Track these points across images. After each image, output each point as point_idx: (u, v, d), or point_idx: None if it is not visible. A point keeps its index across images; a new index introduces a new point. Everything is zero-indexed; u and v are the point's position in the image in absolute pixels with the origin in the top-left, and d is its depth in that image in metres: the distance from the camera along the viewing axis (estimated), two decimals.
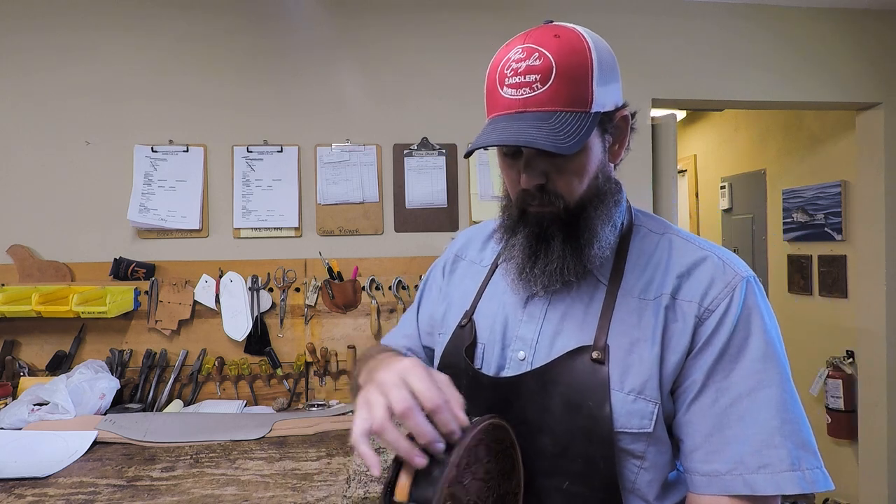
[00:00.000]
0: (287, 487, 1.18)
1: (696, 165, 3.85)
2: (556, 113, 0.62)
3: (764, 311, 0.65)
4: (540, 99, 0.62)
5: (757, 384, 0.62)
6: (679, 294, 0.66)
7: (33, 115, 1.84)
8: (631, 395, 0.63)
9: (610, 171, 0.71)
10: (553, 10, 2.02)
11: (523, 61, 0.63)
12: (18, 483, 1.21)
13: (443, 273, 0.92)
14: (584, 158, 0.66)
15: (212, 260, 1.88)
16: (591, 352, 0.65)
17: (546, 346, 0.70)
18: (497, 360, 0.74)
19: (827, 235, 2.59)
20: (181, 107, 1.90)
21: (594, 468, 0.63)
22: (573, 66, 0.62)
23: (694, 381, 0.64)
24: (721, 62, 2.15)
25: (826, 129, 2.64)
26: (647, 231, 0.74)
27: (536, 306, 0.73)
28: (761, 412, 0.61)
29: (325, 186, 1.94)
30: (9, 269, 1.81)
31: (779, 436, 0.60)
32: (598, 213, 0.69)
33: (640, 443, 0.64)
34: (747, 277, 0.66)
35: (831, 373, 2.48)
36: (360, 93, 1.97)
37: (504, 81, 0.65)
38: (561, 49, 0.62)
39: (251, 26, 1.93)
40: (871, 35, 2.22)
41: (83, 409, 1.55)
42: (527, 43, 0.64)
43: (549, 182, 0.67)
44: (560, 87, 0.62)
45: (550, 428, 0.65)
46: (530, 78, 0.62)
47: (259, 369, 1.83)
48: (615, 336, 0.66)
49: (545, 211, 0.68)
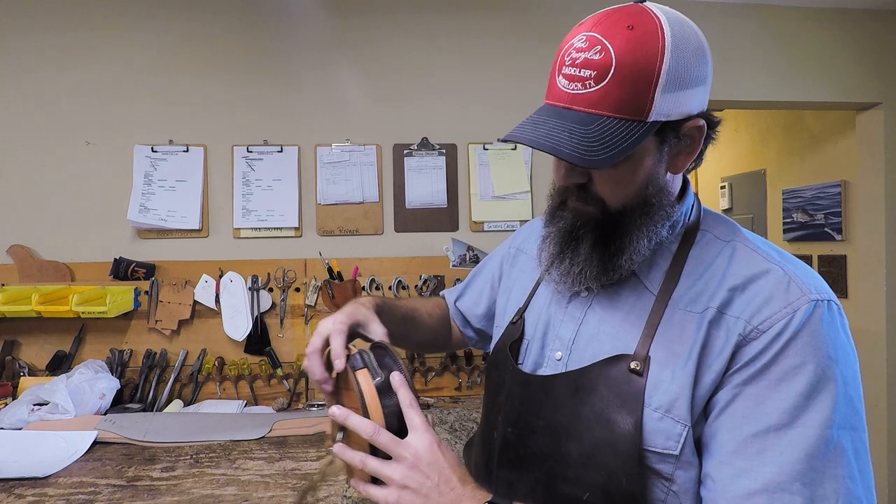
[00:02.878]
0: (287, 487, 1.18)
1: None
2: (600, 118, 0.56)
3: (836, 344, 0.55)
4: (589, 99, 0.57)
5: (791, 421, 0.53)
6: (728, 309, 0.59)
7: (33, 115, 1.84)
8: (658, 412, 0.59)
9: (665, 183, 0.64)
10: (552, 11, 2.02)
11: (583, 52, 0.57)
12: (18, 483, 1.21)
13: (501, 266, 0.93)
14: (633, 168, 0.61)
15: (212, 260, 1.88)
16: (629, 361, 0.61)
17: (581, 349, 0.68)
18: (536, 357, 0.74)
19: (827, 235, 2.59)
20: (181, 107, 1.90)
21: (616, 484, 0.59)
22: (636, 69, 0.55)
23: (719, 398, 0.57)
24: (721, 62, 2.12)
25: (826, 129, 2.64)
26: (713, 237, 0.66)
27: (577, 307, 0.71)
28: (786, 452, 0.53)
29: (325, 186, 1.94)
30: (9, 269, 1.81)
31: (799, 483, 0.51)
32: (638, 224, 0.63)
33: (666, 464, 0.59)
34: (819, 300, 0.56)
35: None
36: (360, 93, 1.97)
37: (561, 69, 0.59)
38: (628, 46, 0.55)
39: (251, 26, 1.93)
40: (871, 35, 2.22)
41: (83, 409, 1.55)
42: (593, 31, 0.57)
43: (591, 182, 0.63)
44: (614, 89, 0.56)
45: (578, 434, 0.62)
46: (585, 73, 0.56)
47: (259, 369, 1.83)
48: (656, 348, 0.61)
49: (584, 210, 0.65)
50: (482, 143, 2.01)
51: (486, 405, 0.81)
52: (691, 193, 0.70)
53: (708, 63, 0.60)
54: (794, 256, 0.64)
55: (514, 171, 2.01)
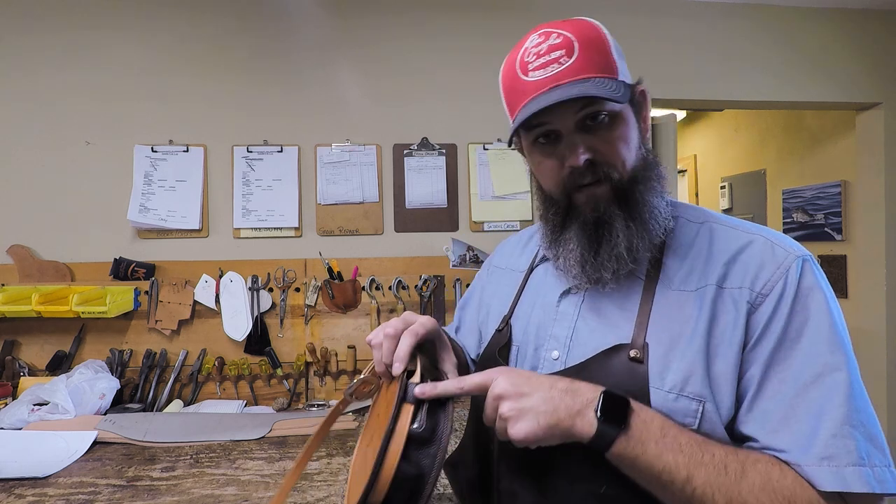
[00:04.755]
0: None
1: (696, 165, 3.85)
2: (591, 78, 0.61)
3: (825, 292, 0.60)
4: (572, 69, 0.62)
5: (823, 369, 0.56)
6: (727, 282, 0.62)
7: (33, 115, 1.84)
8: (672, 393, 0.59)
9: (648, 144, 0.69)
10: (553, 11, 2.02)
11: (543, 43, 0.63)
12: (18, 483, 1.21)
13: (481, 288, 0.93)
14: (626, 127, 0.65)
15: (212, 260, 1.88)
16: (628, 350, 0.62)
17: (580, 345, 0.68)
18: (531, 360, 0.73)
19: (827, 235, 2.59)
20: (181, 107, 1.90)
21: None
22: (593, 39, 0.63)
23: (752, 375, 0.59)
24: (721, 62, 2.15)
25: (826, 129, 2.64)
26: (685, 221, 0.70)
27: (570, 304, 0.71)
28: (830, 399, 0.55)
29: (325, 186, 1.94)
30: (9, 269, 1.81)
31: (848, 425, 0.54)
32: (650, 185, 0.66)
33: None
34: (802, 256, 0.61)
35: None
36: (360, 93, 1.97)
37: (527, 68, 0.64)
38: (576, 27, 0.64)
39: (251, 26, 1.93)
40: (871, 35, 2.22)
41: (83, 409, 1.55)
42: (542, 29, 0.65)
43: (598, 155, 0.64)
44: (588, 56, 0.62)
45: None
46: (556, 54, 0.62)
47: (259, 369, 1.83)
48: (654, 332, 0.62)
49: (598, 192, 0.65)
50: (482, 143, 2.01)
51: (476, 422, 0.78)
52: None
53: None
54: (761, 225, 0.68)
55: (514, 171, 2.01)
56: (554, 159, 0.67)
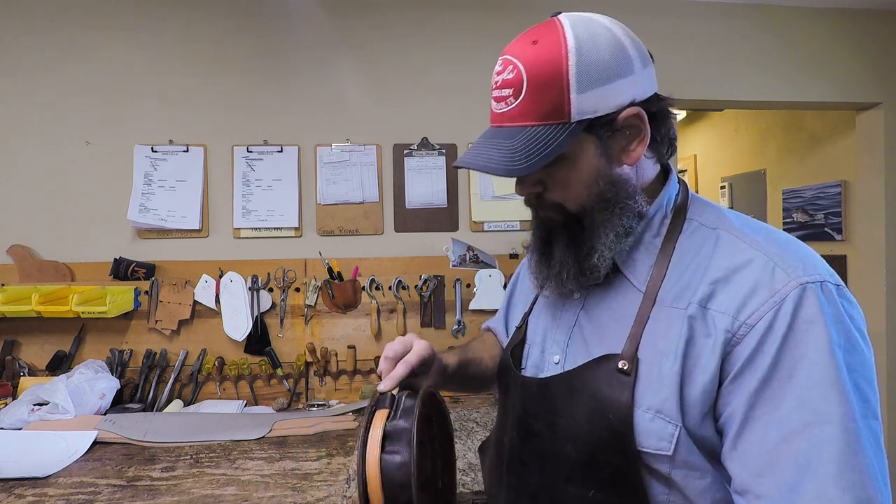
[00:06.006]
0: (287, 487, 1.18)
1: (696, 165, 3.85)
2: (524, 129, 0.60)
3: (830, 326, 0.52)
4: (512, 114, 0.62)
5: (813, 418, 0.50)
6: (711, 303, 0.57)
7: (33, 115, 1.84)
8: (649, 412, 0.58)
9: (619, 175, 0.64)
10: (552, 11, 2.02)
11: (501, 74, 0.63)
12: (18, 483, 1.21)
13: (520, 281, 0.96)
14: (575, 168, 0.63)
15: (212, 260, 1.88)
16: (617, 361, 0.61)
17: (576, 352, 0.69)
18: (537, 361, 0.75)
19: (827, 235, 2.59)
20: (181, 107, 1.90)
21: (623, 478, 0.59)
22: (545, 77, 0.59)
23: (734, 411, 0.55)
24: (721, 62, 2.14)
25: (826, 129, 2.64)
26: (699, 225, 0.65)
27: (570, 310, 0.72)
28: (815, 455, 0.50)
29: (325, 186, 1.94)
30: (9, 269, 1.81)
31: (834, 487, 0.49)
32: (600, 220, 0.64)
33: (663, 464, 0.58)
34: (808, 284, 0.54)
35: None
36: (360, 93, 1.97)
37: (493, 93, 0.65)
38: (534, 59, 0.60)
39: (251, 26, 1.93)
40: (871, 35, 2.22)
41: (83, 409, 1.55)
42: (507, 54, 0.64)
43: (546, 191, 0.67)
44: (531, 101, 0.60)
45: (575, 435, 0.62)
46: (505, 92, 0.62)
47: (259, 369, 1.83)
48: (645, 347, 0.60)
49: (550, 215, 0.69)
50: None
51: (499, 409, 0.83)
52: (674, 182, 0.69)
53: (627, 53, 0.61)
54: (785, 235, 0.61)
55: None
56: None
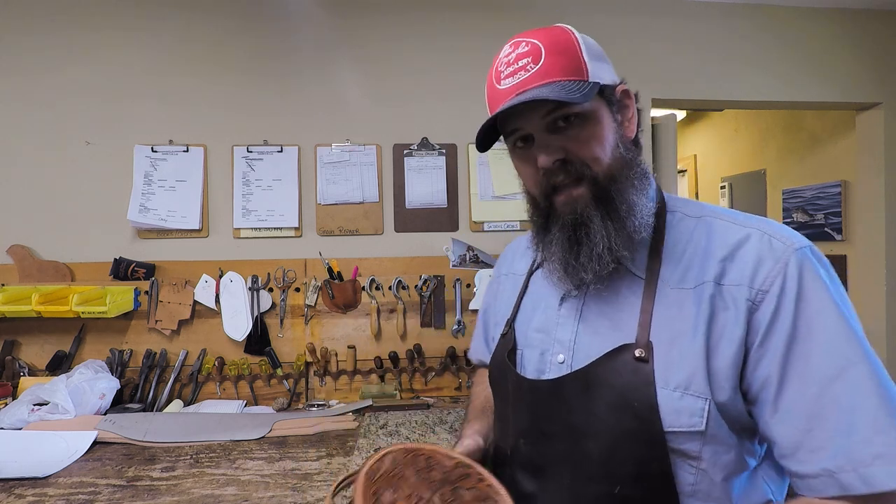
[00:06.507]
0: (287, 487, 1.18)
1: (696, 165, 3.85)
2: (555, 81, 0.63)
3: (827, 282, 0.59)
4: (537, 74, 0.63)
5: (845, 363, 0.55)
6: (725, 279, 0.62)
7: (33, 115, 1.84)
8: (677, 391, 0.60)
9: (630, 142, 0.68)
10: (553, 11, 2.02)
11: (513, 52, 0.66)
12: (18, 483, 1.21)
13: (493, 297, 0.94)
14: (598, 126, 0.65)
15: (212, 260, 1.88)
16: (633, 350, 0.62)
17: (584, 348, 0.68)
18: (536, 364, 0.73)
19: (827, 235, 2.59)
20: (181, 107, 1.90)
21: (648, 470, 0.60)
22: (562, 43, 0.64)
23: (770, 375, 0.58)
24: (721, 62, 2.15)
25: (826, 129, 2.64)
26: (683, 216, 0.70)
27: (571, 307, 0.71)
28: (858, 393, 0.54)
29: (325, 186, 1.94)
30: (9, 269, 1.81)
31: (884, 415, 0.53)
32: (629, 182, 0.66)
33: (693, 442, 0.60)
34: (801, 248, 0.61)
35: None
36: (360, 93, 1.97)
37: (500, 77, 0.66)
38: (546, 34, 0.65)
39: (251, 26, 1.93)
40: (871, 35, 2.22)
41: (83, 409, 1.55)
42: (513, 40, 0.67)
43: (570, 154, 0.65)
44: (553, 60, 0.63)
45: (596, 431, 0.63)
46: (523, 62, 0.64)
47: (259, 369, 1.83)
48: (657, 331, 0.62)
49: (576, 193, 0.65)
50: None
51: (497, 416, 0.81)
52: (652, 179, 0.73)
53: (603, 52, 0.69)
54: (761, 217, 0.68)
55: (514, 171, 2.00)
56: (530, 163, 0.69)
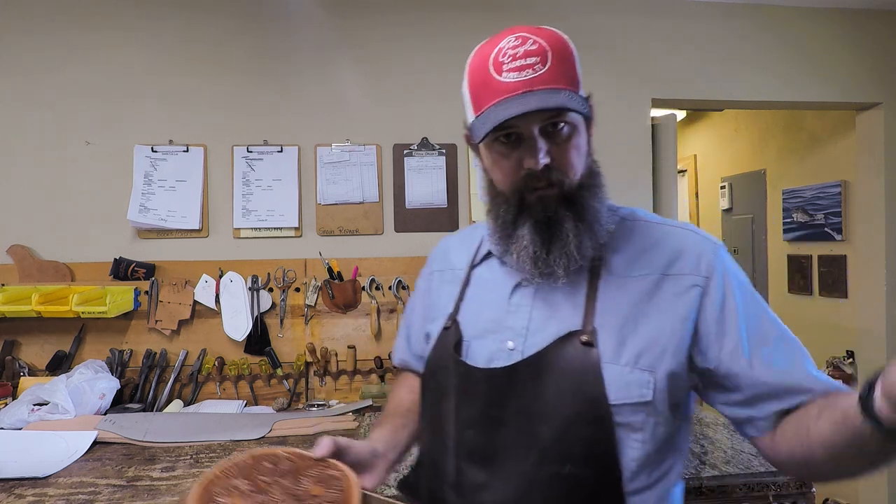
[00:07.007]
0: None
1: (696, 165, 3.85)
2: (562, 89, 0.65)
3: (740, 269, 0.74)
4: (545, 78, 0.65)
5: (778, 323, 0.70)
6: (671, 269, 0.71)
7: (33, 115, 1.84)
8: (627, 366, 0.66)
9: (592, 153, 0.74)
10: (553, 11, 2.02)
11: (520, 47, 0.66)
12: (18, 483, 1.21)
13: (422, 296, 0.93)
14: (580, 136, 0.70)
15: (212, 260, 1.88)
16: (580, 336, 0.68)
17: (537, 333, 0.71)
18: (486, 353, 0.74)
19: (827, 235, 2.59)
20: (181, 107, 1.90)
21: (595, 448, 0.65)
22: (564, 51, 0.67)
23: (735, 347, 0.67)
24: (721, 62, 2.14)
25: (826, 129, 2.64)
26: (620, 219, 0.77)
27: (523, 296, 0.74)
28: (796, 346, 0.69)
29: (325, 186, 1.94)
30: (9, 269, 1.81)
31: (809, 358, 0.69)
32: (594, 191, 0.72)
33: (639, 414, 0.66)
34: (719, 242, 0.74)
35: (831, 373, 2.48)
36: (360, 93, 1.97)
37: (502, 68, 0.66)
38: (550, 36, 0.67)
39: (251, 27, 1.93)
40: (871, 35, 2.22)
41: (83, 409, 1.55)
42: (518, 33, 0.67)
43: (554, 161, 0.68)
44: (559, 67, 0.66)
45: (547, 415, 0.66)
46: (531, 60, 0.65)
47: (259, 369, 1.83)
48: (604, 315, 0.69)
49: (549, 194, 0.69)
50: None
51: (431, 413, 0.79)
52: None
53: None
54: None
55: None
56: (512, 160, 0.70)
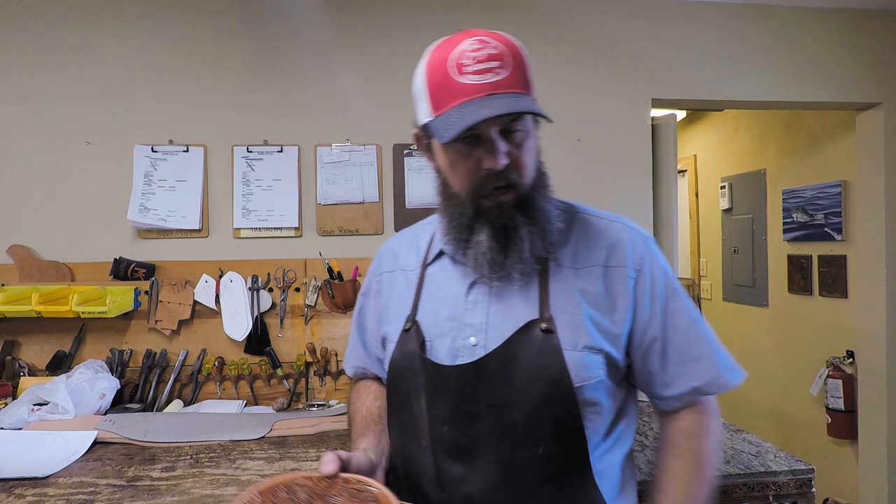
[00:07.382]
0: None
1: (696, 165, 3.85)
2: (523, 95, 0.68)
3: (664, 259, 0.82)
4: (506, 82, 0.67)
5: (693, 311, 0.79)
6: (611, 261, 0.77)
7: (33, 115, 1.84)
8: (584, 351, 0.72)
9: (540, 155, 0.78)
10: (553, 11, 2.02)
11: (481, 50, 0.67)
12: (18, 483, 1.20)
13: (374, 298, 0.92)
14: (532, 139, 0.74)
15: (212, 260, 1.88)
16: (539, 324, 0.72)
17: (497, 328, 0.74)
18: (448, 351, 0.75)
19: (827, 235, 2.59)
20: (181, 107, 1.90)
21: (563, 426, 0.71)
22: (519, 59, 0.70)
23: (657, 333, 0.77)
24: (721, 62, 2.14)
25: (826, 129, 2.64)
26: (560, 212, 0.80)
27: (480, 293, 0.77)
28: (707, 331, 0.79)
29: (325, 186, 1.94)
30: (9, 269, 1.81)
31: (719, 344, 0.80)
32: (543, 192, 0.76)
33: (598, 392, 0.73)
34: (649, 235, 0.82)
35: (831, 373, 2.48)
36: (360, 93, 1.97)
37: (463, 69, 0.67)
38: (506, 43, 0.69)
39: (251, 26, 1.93)
40: (871, 35, 2.22)
41: (83, 409, 1.55)
42: (476, 36, 0.69)
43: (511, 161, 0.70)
44: (517, 73, 0.68)
45: (518, 402, 0.70)
46: (493, 64, 0.66)
47: (259, 369, 1.83)
48: (558, 304, 0.74)
49: (505, 200, 0.72)
50: None
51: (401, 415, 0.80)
52: None
53: None
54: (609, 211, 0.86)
55: None
56: (471, 161, 0.71)
